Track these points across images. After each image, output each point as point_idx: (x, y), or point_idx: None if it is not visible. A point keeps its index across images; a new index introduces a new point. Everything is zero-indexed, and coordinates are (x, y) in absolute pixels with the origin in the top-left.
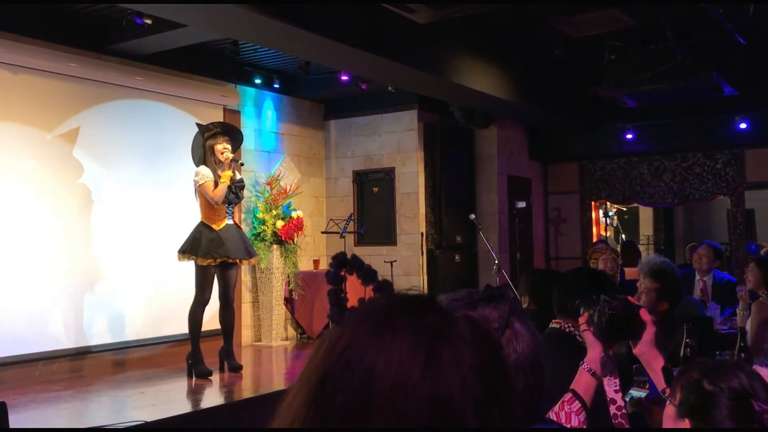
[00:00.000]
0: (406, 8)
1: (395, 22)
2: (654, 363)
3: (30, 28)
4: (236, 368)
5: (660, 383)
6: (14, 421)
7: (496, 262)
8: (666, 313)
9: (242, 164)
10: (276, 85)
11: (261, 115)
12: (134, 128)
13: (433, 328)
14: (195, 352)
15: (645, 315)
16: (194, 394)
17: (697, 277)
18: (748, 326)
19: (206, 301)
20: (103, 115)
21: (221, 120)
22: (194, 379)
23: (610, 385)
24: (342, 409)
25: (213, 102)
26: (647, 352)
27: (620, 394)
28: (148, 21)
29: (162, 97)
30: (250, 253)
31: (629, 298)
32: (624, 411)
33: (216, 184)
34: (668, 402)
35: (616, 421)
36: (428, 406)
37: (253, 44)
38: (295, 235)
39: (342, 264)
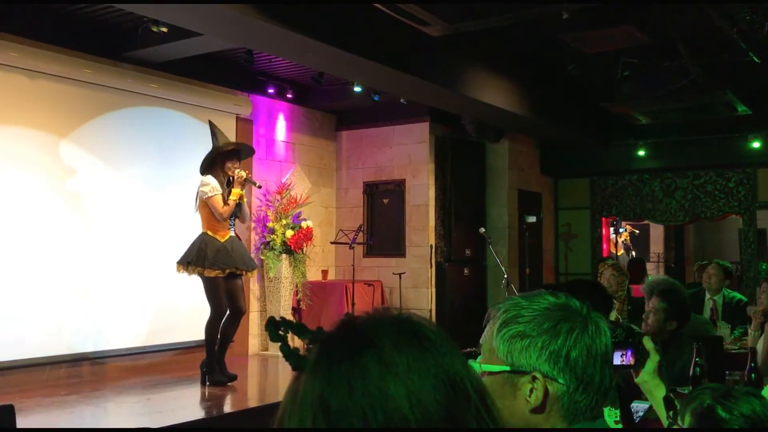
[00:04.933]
0: (420, 21)
1: (409, 34)
2: (656, 392)
3: (46, 34)
4: (232, 378)
5: (662, 412)
6: (21, 425)
7: (505, 276)
8: (674, 332)
9: (260, 187)
10: (289, 95)
11: (273, 125)
12: (147, 135)
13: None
14: (210, 361)
15: (648, 343)
16: (201, 402)
17: (708, 296)
18: (759, 347)
19: (224, 313)
20: (116, 121)
21: (234, 127)
22: (207, 386)
23: (610, 416)
24: None
25: (226, 110)
26: (649, 381)
27: (620, 426)
28: (164, 29)
29: (175, 105)
30: (252, 266)
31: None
32: None
33: (224, 199)
34: (674, 425)
35: None
36: (443, 387)
37: (267, 54)
38: (305, 244)
39: (276, 326)
